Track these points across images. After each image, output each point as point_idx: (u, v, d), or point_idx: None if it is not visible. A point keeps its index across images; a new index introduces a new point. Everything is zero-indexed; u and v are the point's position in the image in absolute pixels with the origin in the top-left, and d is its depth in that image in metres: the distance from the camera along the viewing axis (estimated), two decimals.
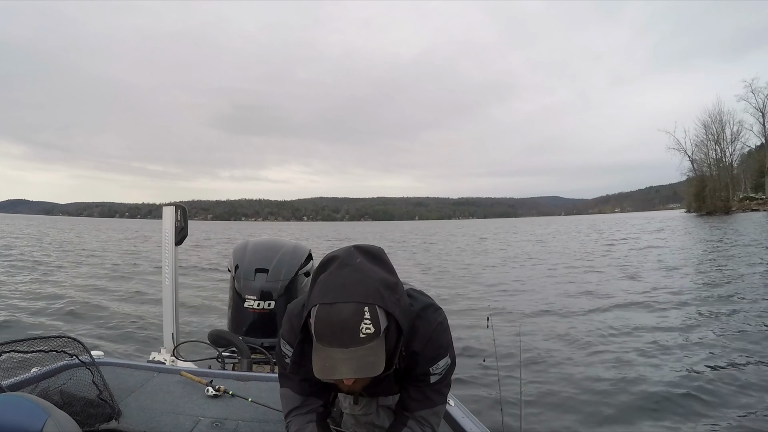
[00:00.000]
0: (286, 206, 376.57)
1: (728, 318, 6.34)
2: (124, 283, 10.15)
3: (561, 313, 7.10)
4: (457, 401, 1.63)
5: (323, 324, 0.99)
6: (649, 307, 7.29)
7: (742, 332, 5.52)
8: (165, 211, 2.71)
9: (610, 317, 6.69)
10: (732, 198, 56.23)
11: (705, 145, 57.85)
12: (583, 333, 5.84)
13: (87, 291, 9.11)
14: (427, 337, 1.17)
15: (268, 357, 2.44)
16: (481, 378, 4.19)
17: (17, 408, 0.93)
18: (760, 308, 6.74)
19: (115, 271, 12.49)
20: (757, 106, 56.02)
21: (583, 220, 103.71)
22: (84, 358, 1.62)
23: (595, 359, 4.83)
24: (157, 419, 1.53)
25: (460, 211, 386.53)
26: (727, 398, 3.70)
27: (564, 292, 8.96)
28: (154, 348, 2.81)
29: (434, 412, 1.26)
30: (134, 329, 6.19)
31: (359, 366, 0.98)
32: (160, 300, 2.87)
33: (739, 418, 3.36)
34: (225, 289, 3.41)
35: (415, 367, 1.19)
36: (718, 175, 56.19)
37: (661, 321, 6.34)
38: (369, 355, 0.98)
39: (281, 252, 2.65)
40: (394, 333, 1.07)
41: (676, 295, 8.19)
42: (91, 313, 7.14)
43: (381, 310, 1.01)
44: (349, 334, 0.97)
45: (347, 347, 0.97)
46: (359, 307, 0.98)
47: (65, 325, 6.44)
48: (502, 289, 9.75)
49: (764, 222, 31.32)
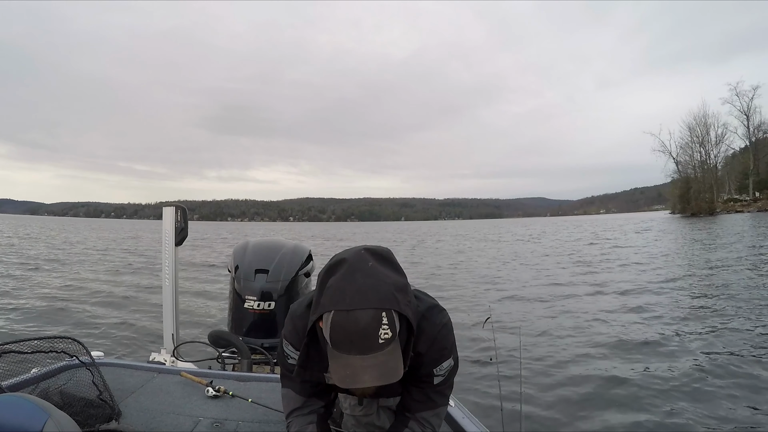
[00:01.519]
0: (273, 207, 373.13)
1: (729, 318, 6.28)
2: (123, 284, 10.05)
3: (561, 313, 7.06)
4: (458, 401, 1.61)
5: (341, 332, 0.96)
6: (650, 306, 7.25)
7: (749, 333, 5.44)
8: (165, 212, 2.68)
9: (610, 317, 6.65)
10: (716, 199, 56.81)
11: (690, 147, 58.71)
12: (584, 333, 5.80)
13: (86, 291, 9.01)
14: (432, 338, 1.15)
15: (268, 357, 2.42)
16: (481, 378, 4.16)
17: (17, 408, 0.91)
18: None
19: (114, 270, 12.40)
20: (742, 109, 56.93)
21: (568, 221, 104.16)
22: (84, 358, 1.60)
23: (595, 359, 4.80)
24: (157, 420, 1.51)
25: (446, 212, 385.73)
26: (737, 396, 3.66)
27: (564, 292, 8.91)
28: (154, 349, 2.78)
29: (436, 413, 1.25)
30: (134, 330, 6.12)
31: (381, 373, 0.96)
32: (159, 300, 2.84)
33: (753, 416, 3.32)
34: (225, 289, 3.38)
35: (419, 368, 1.17)
36: (703, 176, 56.78)
37: (661, 321, 6.30)
38: (389, 360, 0.97)
39: (281, 252, 2.63)
40: (404, 333, 1.05)
41: (677, 295, 8.16)
42: (91, 313, 7.06)
43: (396, 314, 0.98)
44: (369, 342, 0.94)
45: (367, 354, 0.95)
46: (377, 314, 0.95)
47: (65, 325, 6.37)
48: (502, 289, 9.72)
49: (750, 222, 31.64)
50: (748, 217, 41.13)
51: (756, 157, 55.84)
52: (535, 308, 7.57)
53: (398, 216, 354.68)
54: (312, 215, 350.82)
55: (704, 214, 50.84)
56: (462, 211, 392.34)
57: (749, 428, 3.20)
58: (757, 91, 56.08)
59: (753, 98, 56.21)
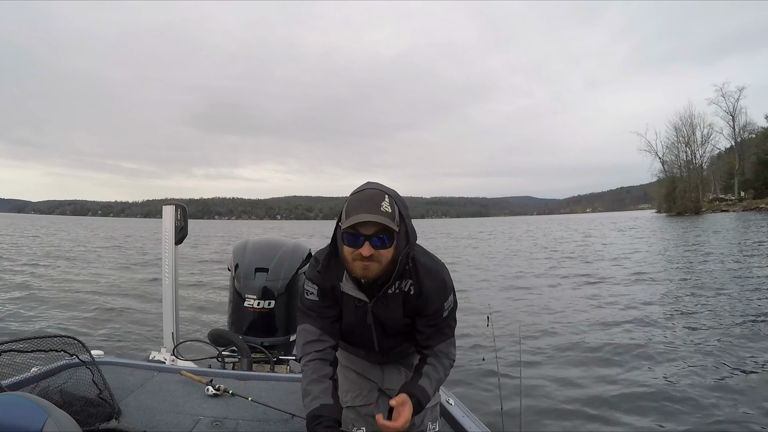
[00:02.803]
0: (260, 205, 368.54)
1: (729, 319, 6.20)
2: (123, 283, 9.97)
3: (561, 313, 6.99)
4: (457, 401, 1.60)
5: (352, 201, 1.19)
6: (650, 307, 7.19)
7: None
8: (165, 210, 2.65)
9: (610, 317, 6.59)
10: (702, 199, 57.24)
11: (675, 147, 58.90)
12: (584, 333, 5.74)
13: (86, 291, 8.92)
14: (436, 273, 1.32)
15: (269, 356, 2.39)
16: (481, 378, 4.08)
17: (17, 408, 0.90)
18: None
19: (114, 268, 12.29)
20: (728, 110, 57.38)
21: (553, 219, 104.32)
22: (84, 357, 1.58)
23: (595, 359, 4.75)
24: (157, 418, 1.49)
25: (433, 211, 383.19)
26: (735, 397, 3.62)
27: (564, 293, 8.85)
28: (154, 347, 2.74)
29: (450, 343, 1.38)
30: (134, 328, 6.07)
31: (381, 219, 1.14)
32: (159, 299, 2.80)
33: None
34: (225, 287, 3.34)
35: (427, 305, 1.31)
36: (689, 176, 57.19)
37: (661, 321, 6.26)
38: (388, 222, 1.15)
39: (281, 251, 2.60)
40: (404, 238, 1.23)
41: (676, 297, 8.05)
42: (91, 312, 6.99)
43: (396, 208, 1.19)
44: (373, 205, 1.16)
45: (371, 213, 1.14)
46: (381, 193, 1.19)
47: (65, 323, 6.30)
48: (502, 289, 9.67)
49: (734, 222, 31.95)
50: (733, 216, 41.44)
51: (741, 158, 56.39)
52: (535, 308, 7.51)
53: None
54: (299, 213, 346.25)
55: (690, 214, 51.13)
56: (449, 209, 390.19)
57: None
58: (742, 92, 56.60)
59: (738, 99, 56.74)
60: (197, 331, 5.43)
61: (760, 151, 51.85)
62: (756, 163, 52.66)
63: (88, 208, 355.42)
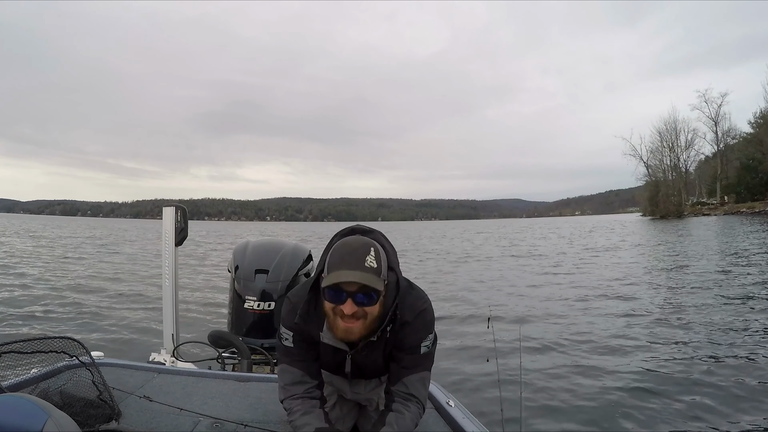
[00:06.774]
0: (250, 206, 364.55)
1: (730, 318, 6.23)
2: (123, 283, 9.85)
3: (561, 314, 6.95)
4: (457, 401, 1.58)
5: (335, 254, 1.12)
6: (650, 306, 7.19)
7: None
8: (165, 212, 2.62)
9: (610, 317, 6.57)
10: (684, 203, 57.76)
11: (660, 151, 59.52)
12: (584, 333, 5.70)
13: (86, 290, 8.81)
14: (418, 308, 1.24)
15: (268, 358, 2.36)
16: (481, 378, 4.03)
17: (17, 408, 0.88)
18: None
19: (114, 269, 12.15)
20: (710, 116, 58.08)
21: (539, 222, 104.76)
22: (84, 358, 1.55)
23: (596, 359, 4.72)
24: (157, 420, 1.46)
25: (422, 213, 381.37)
26: (738, 398, 3.60)
27: (564, 293, 8.82)
28: (154, 349, 2.70)
29: (423, 377, 1.27)
30: (134, 330, 5.98)
31: (363, 279, 1.06)
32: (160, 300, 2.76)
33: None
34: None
35: (405, 339, 1.24)
36: (672, 180, 57.72)
37: (662, 320, 6.24)
38: (373, 281, 1.08)
39: (281, 253, 2.57)
40: (393, 290, 1.17)
41: (677, 297, 8.05)
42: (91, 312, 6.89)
43: (383, 260, 1.13)
44: (356, 260, 1.08)
45: (354, 270, 1.07)
46: (366, 245, 1.12)
47: (65, 324, 6.20)
48: (502, 288, 9.63)
49: (718, 225, 32.27)
50: (714, 220, 41.86)
51: (723, 162, 57.06)
52: (535, 307, 7.48)
53: (375, 216, 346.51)
54: (289, 215, 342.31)
55: (672, 217, 51.47)
56: (438, 211, 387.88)
57: None
58: (725, 98, 57.36)
59: (721, 105, 57.48)
60: (197, 332, 5.36)
61: (742, 156, 52.52)
62: (738, 167, 53.30)
63: (77, 209, 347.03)
